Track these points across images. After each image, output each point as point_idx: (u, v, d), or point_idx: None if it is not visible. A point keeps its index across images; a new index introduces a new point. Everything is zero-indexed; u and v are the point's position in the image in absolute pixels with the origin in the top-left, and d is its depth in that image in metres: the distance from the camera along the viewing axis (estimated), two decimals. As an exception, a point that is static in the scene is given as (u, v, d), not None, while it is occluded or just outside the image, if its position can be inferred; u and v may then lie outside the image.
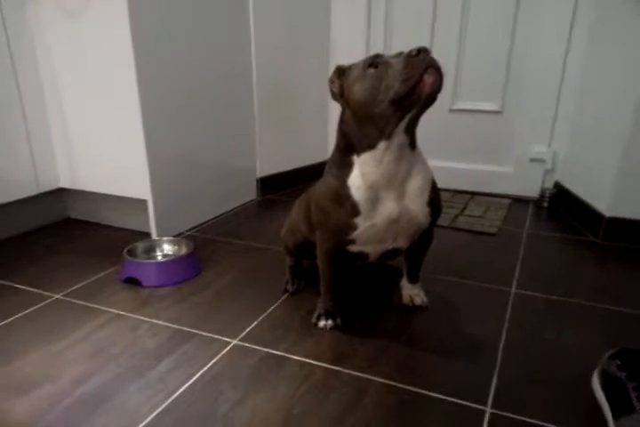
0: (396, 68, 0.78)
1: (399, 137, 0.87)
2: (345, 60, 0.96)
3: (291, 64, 1.98)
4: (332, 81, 0.90)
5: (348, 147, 0.92)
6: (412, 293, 1.17)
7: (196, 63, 1.56)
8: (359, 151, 0.90)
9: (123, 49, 1.32)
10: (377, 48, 2.02)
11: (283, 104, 2.01)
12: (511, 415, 0.81)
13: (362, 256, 1.05)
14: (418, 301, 1.15)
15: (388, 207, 0.93)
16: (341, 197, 0.93)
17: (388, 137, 0.86)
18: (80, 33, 1.38)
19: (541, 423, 0.79)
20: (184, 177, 1.59)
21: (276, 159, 2.05)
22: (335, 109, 0.94)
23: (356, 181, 0.91)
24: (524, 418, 0.80)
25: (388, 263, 1.30)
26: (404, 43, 1.92)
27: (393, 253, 1.07)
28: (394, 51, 0.85)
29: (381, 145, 0.87)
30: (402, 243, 1.02)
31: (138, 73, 1.34)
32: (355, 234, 0.95)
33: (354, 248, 1.01)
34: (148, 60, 1.37)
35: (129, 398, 0.84)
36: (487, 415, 0.81)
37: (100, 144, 1.50)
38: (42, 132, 1.54)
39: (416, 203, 0.95)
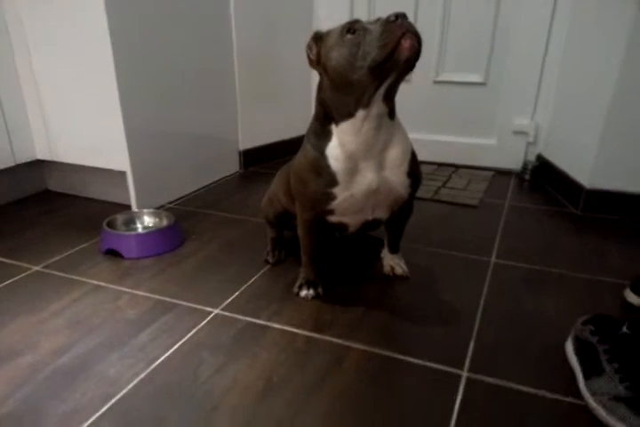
0: (373, 34, 0.76)
1: (377, 106, 0.86)
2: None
3: (273, 33, 1.94)
4: (309, 47, 0.88)
5: (327, 116, 0.91)
6: (392, 263, 1.18)
7: (175, 33, 1.51)
8: (337, 120, 0.89)
9: (97, 18, 1.27)
10: (360, 17, 1.98)
11: (265, 75, 1.97)
12: (486, 379, 0.83)
13: (341, 227, 1.05)
14: (399, 270, 1.17)
15: (367, 178, 0.92)
16: (320, 167, 0.92)
17: (367, 105, 0.85)
18: (53, 2, 1.33)
19: (515, 386, 0.81)
20: (164, 149, 1.57)
21: (258, 131, 2.03)
22: (318, 81, 0.93)
23: (335, 151, 0.91)
24: (498, 381, 0.82)
25: (370, 234, 1.31)
26: (387, 12, 1.88)
27: (373, 225, 1.07)
28: (375, 18, 0.83)
29: (360, 114, 0.86)
30: (381, 214, 1.03)
31: (113, 42, 1.30)
32: (333, 204, 0.95)
33: (333, 219, 1.01)
34: (124, 29, 1.32)
35: (109, 367, 0.84)
36: (463, 379, 0.83)
37: (76, 115, 1.46)
38: (15, 103, 1.49)
39: (395, 173, 0.95)
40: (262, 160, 2.07)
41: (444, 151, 2.10)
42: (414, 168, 0.98)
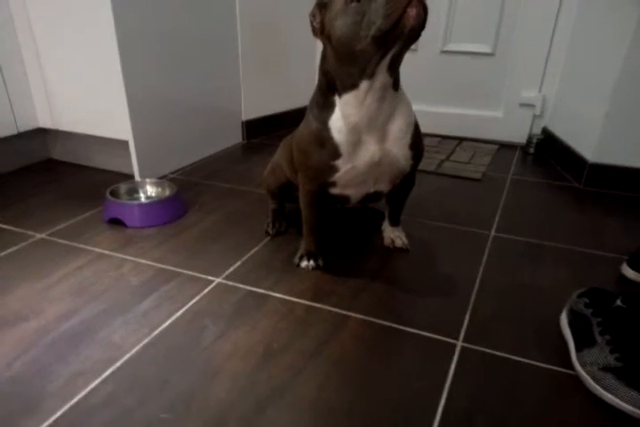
0: (378, 2, 0.74)
1: (382, 76, 0.84)
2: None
3: (277, 0, 1.90)
4: (312, 15, 0.86)
5: (330, 87, 0.90)
6: (393, 235, 1.19)
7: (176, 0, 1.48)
8: (341, 92, 0.88)
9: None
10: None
11: (268, 44, 1.94)
12: (480, 348, 0.85)
13: (343, 199, 1.05)
14: (399, 243, 1.18)
15: (370, 150, 0.92)
16: (323, 138, 0.92)
17: (371, 76, 0.84)
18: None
19: (509, 356, 0.83)
20: (167, 118, 1.56)
21: (261, 102, 2.01)
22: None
23: (338, 123, 0.90)
24: (492, 351, 0.84)
25: (371, 206, 1.31)
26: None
27: (374, 197, 1.07)
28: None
29: (363, 85, 0.85)
30: (383, 186, 1.03)
31: (114, 9, 1.27)
32: (336, 176, 0.95)
33: (335, 191, 1.01)
34: (125, -8, 1.30)
35: (113, 332, 0.87)
36: (458, 348, 0.85)
37: (78, 83, 1.45)
38: (17, 72, 1.48)
39: (398, 146, 0.94)
40: (265, 131, 2.06)
41: (449, 123, 2.08)
42: (417, 141, 0.98)
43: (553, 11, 1.77)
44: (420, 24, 0.75)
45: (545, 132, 1.92)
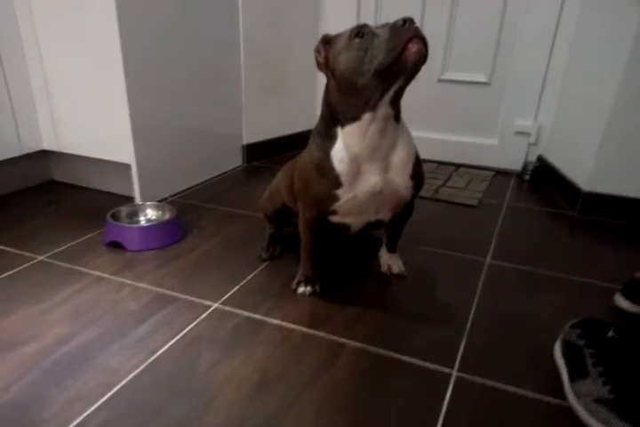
0: (381, 38, 0.78)
1: (384, 109, 0.87)
2: (335, 27, 0.95)
3: (279, 29, 1.95)
4: (317, 50, 0.89)
5: (333, 118, 0.92)
6: (390, 262, 1.20)
7: (182, 26, 1.52)
8: (343, 123, 0.90)
9: (105, 9, 1.29)
10: (367, 15, 1.99)
11: (270, 70, 1.98)
12: (475, 378, 0.85)
13: (343, 227, 1.07)
14: (395, 269, 1.19)
15: (371, 180, 0.94)
16: (324, 168, 0.94)
17: (373, 109, 0.86)
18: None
19: (503, 386, 0.84)
20: (169, 142, 1.59)
21: (262, 126, 2.04)
22: (323, 77, 0.94)
23: (339, 153, 0.92)
24: (486, 381, 0.85)
25: (368, 233, 1.33)
26: (394, 12, 1.88)
27: (375, 225, 1.09)
28: (385, 19, 0.84)
29: (366, 117, 0.88)
30: (384, 215, 1.04)
31: (121, 34, 1.31)
32: (336, 205, 0.97)
33: (335, 219, 1.03)
34: (132, 22, 1.34)
35: (111, 358, 0.87)
36: (453, 378, 0.85)
37: (83, 107, 1.48)
38: (23, 94, 1.51)
39: (399, 176, 0.96)
40: (265, 155, 2.09)
41: (445, 150, 2.11)
42: (418, 171, 1.00)
43: (548, 42, 1.82)
44: (421, 59, 0.78)
45: (540, 160, 1.95)
